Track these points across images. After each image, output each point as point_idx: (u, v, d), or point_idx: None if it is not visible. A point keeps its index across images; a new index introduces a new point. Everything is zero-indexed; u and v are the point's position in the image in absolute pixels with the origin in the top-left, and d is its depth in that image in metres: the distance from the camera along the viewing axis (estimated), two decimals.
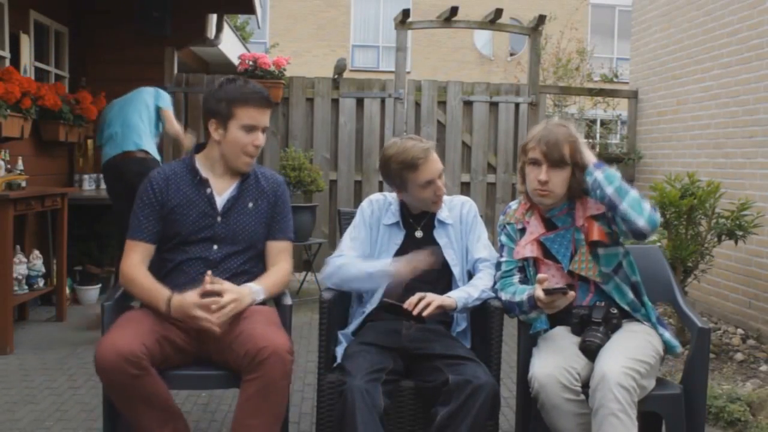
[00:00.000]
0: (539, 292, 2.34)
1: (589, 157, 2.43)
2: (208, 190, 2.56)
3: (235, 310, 2.36)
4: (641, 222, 2.34)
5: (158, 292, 2.41)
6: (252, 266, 2.62)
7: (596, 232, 2.45)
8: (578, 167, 2.45)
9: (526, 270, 2.57)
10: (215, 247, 2.54)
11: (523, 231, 2.58)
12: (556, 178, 2.43)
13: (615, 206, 2.36)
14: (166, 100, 5.08)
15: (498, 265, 2.63)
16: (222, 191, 2.58)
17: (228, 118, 2.51)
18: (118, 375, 2.20)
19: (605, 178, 2.38)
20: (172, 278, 2.50)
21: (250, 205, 2.59)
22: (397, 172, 2.63)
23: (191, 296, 2.34)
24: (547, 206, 2.52)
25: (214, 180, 2.58)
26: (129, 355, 2.19)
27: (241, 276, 2.53)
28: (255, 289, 2.47)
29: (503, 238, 2.63)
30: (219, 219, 2.55)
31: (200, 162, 2.60)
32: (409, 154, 2.59)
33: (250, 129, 2.52)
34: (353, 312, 2.80)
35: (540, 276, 2.39)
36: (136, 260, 2.50)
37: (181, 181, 2.56)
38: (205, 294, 2.34)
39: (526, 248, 2.51)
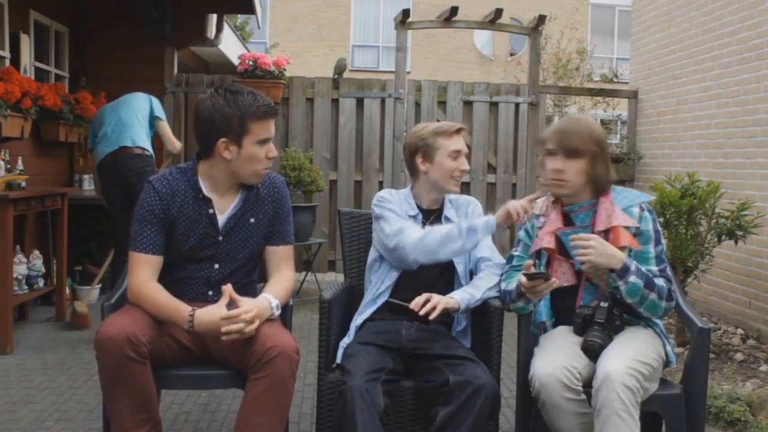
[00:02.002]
0: (521, 276, 2.37)
1: (612, 261, 2.33)
2: (211, 211, 2.46)
3: (259, 323, 2.31)
4: (654, 318, 2.48)
5: (177, 308, 2.31)
6: (252, 277, 2.63)
7: (624, 237, 2.40)
8: (598, 158, 2.44)
9: (536, 268, 2.56)
10: (217, 266, 2.50)
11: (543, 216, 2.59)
12: (572, 168, 2.44)
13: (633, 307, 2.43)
14: (160, 109, 5.10)
15: (510, 258, 2.66)
16: (224, 209, 2.49)
17: (242, 135, 2.38)
18: (116, 352, 2.17)
19: (627, 292, 2.36)
20: (170, 292, 2.41)
21: (252, 220, 2.51)
22: (429, 138, 2.73)
23: (218, 310, 2.27)
24: (566, 197, 2.51)
25: (217, 198, 2.47)
26: (131, 336, 2.18)
27: (242, 289, 2.50)
28: (274, 304, 2.40)
29: (521, 233, 2.65)
30: (220, 238, 2.49)
31: (201, 177, 2.47)
32: (445, 124, 2.77)
33: (264, 142, 2.42)
34: (364, 302, 2.78)
35: (526, 263, 2.41)
36: (145, 275, 2.39)
37: (185, 198, 2.45)
38: (228, 305, 2.30)
39: (544, 239, 2.51)
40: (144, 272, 2.40)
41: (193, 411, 3.43)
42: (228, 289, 2.32)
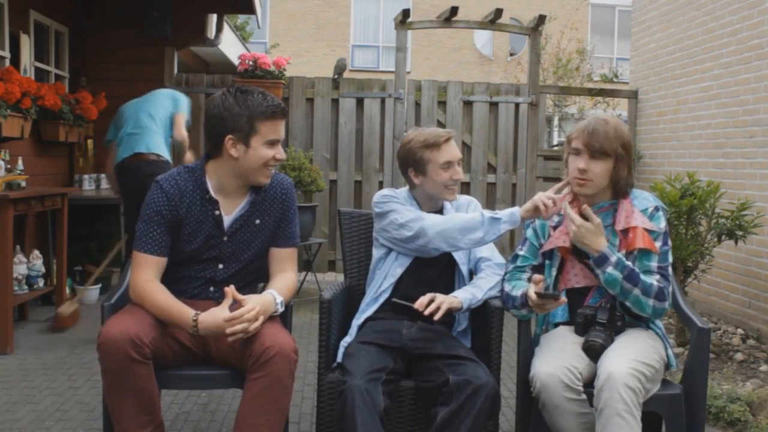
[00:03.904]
0: (531, 293, 2.37)
1: (593, 245, 2.37)
2: (217, 212, 2.45)
3: (264, 319, 2.32)
4: (644, 315, 2.45)
5: (180, 311, 2.31)
6: (256, 277, 2.62)
7: (643, 239, 2.41)
8: (622, 161, 2.44)
9: (547, 268, 2.56)
10: (221, 266, 2.50)
11: (560, 223, 2.55)
12: (596, 168, 2.43)
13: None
14: (182, 105, 4.98)
15: (515, 258, 2.64)
16: (230, 210, 2.48)
17: (250, 134, 2.37)
18: (119, 353, 2.17)
19: (605, 283, 2.39)
20: (172, 289, 2.42)
21: (257, 221, 2.50)
22: (418, 152, 2.66)
23: (221, 313, 2.27)
24: (587, 197, 2.49)
25: (224, 199, 2.47)
26: (135, 338, 2.18)
27: (245, 289, 2.51)
28: (279, 300, 2.40)
29: (528, 232, 2.63)
30: (225, 239, 2.48)
31: (209, 177, 2.47)
32: (432, 134, 2.68)
33: (272, 143, 2.41)
34: (366, 301, 2.78)
35: (536, 276, 2.40)
36: (148, 275, 2.39)
37: (192, 198, 2.44)
38: (231, 307, 2.31)
39: (560, 239, 2.50)
40: (147, 272, 2.40)
41: (193, 411, 3.43)
42: (230, 290, 2.32)
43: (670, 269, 2.47)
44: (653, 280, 2.40)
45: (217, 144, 2.42)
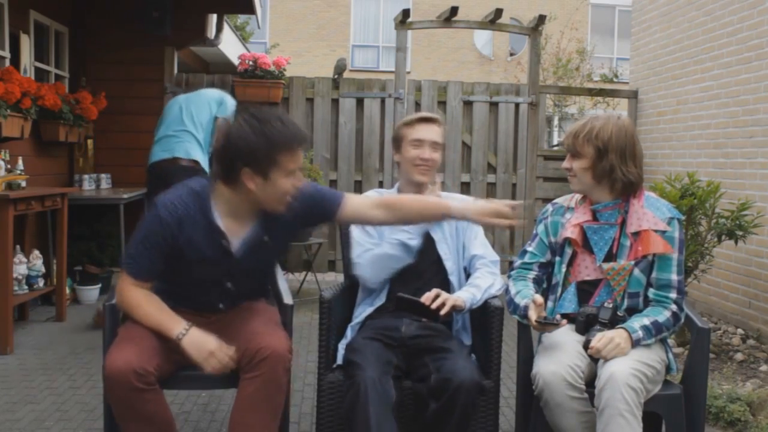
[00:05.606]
0: (532, 315, 2.39)
1: (623, 349, 2.32)
2: (224, 242, 2.33)
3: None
4: None
5: (168, 322, 2.28)
6: (264, 281, 2.62)
7: (655, 244, 2.42)
8: (603, 159, 2.46)
9: (557, 265, 2.57)
10: (229, 284, 2.45)
11: (569, 211, 2.61)
12: (576, 166, 2.53)
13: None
14: (227, 110, 4.86)
15: (523, 253, 2.67)
16: (239, 233, 2.35)
17: (269, 167, 2.18)
18: (124, 386, 2.16)
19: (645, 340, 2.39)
20: (179, 297, 2.40)
21: (266, 238, 2.38)
22: (399, 129, 2.77)
23: (209, 343, 2.25)
24: (580, 192, 2.57)
25: (232, 225, 2.33)
26: (138, 369, 2.16)
27: (253, 294, 2.50)
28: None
29: (540, 228, 2.66)
30: (234, 262, 2.39)
31: (218, 200, 2.31)
32: (415, 115, 2.79)
33: (292, 172, 2.25)
34: (360, 304, 2.79)
35: (536, 298, 2.41)
36: (134, 288, 2.34)
37: (194, 227, 2.29)
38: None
39: (568, 230, 2.54)
40: (134, 287, 2.34)
41: (193, 411, 3.43)
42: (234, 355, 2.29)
43: (683, 281, 2.49)
44: (669, 310, 2.42)
45: (232, 175, 2.23)
